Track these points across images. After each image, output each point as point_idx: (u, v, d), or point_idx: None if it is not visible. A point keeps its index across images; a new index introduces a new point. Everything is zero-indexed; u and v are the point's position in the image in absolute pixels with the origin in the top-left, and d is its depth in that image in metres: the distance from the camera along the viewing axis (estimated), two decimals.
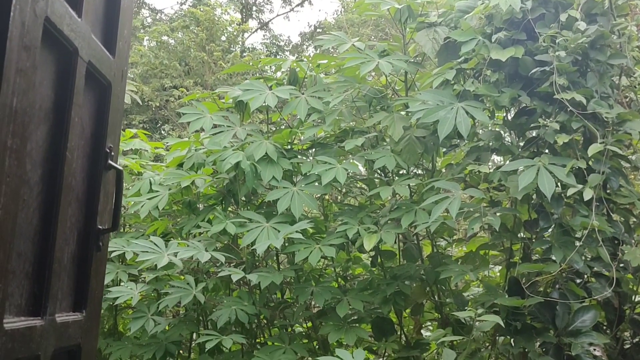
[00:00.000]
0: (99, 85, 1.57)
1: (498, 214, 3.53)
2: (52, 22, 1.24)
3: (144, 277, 4.54)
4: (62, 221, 1.36)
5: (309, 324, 4.71)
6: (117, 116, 1.68)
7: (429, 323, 5.00)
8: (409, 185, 4.13)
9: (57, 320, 1.36)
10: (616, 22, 3.43)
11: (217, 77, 17.96)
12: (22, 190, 1.19)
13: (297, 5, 24.15)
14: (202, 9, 18.73)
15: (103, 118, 1.59)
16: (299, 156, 4.46)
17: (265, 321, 4.65)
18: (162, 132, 17.28)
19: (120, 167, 1.63)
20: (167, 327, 4.52)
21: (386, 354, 4.48)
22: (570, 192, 3.18)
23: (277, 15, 24.39)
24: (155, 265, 4.26)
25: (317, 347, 4.51)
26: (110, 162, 1.61)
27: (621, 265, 4.01)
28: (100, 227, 1.59)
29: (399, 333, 4.52)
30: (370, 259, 4.65)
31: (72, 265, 1.48)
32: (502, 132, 3.78)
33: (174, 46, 19.00)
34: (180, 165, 4.74)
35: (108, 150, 1.61)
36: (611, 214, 3.95)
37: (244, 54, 19.61)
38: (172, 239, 4.54)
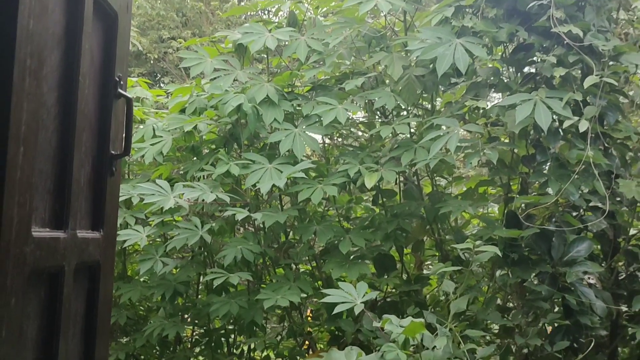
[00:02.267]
0: (107, 15, 1.62)
1: (496, 149, 3.60)
2: None
3: (151, 221, 4.66)
4: (77, 144, 1.44)
5: (313, 264, 4.85)
6: (124, 47, 1.74)
7: (430, 262, 5.14)
8: (408, 124, 4.19)
9: (78, 236, 1.46)
10: None
11: (214, 28, 17.78)
12: (40, 111, 1.26)
13: None
14: None
15: (111, 48, 1.65)
16: (300, 98, 4.51)
17: (270, 262, 4.79)
18: (161, 84, 17.23)
19: (129, 96, 1.70)
20: (174, 269, 4.66)
21: (388, 289, 4.62)
22: (566, 124, 3.25)
23: None
24: (161, 208, 4.37)
25: (321, 284, 4.65)
26: (120, 90, 1.68)
27: (617, 198, 4.11)
28: (113, 152, 1.67)
29: (400, 269, 4.65)
30: (371, 198, 4.74)
31: (88, 188, 1.57)
32: (500, 68, 3.82)
33: None
34: (183, 111, 4.79)
35: (117, 79, 1.68)
36: (608, 148, 4.03)
37: (242, 3, 19.36)
38: (176, 183, 4.64)
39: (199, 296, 5.06)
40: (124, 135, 1.73)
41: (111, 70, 1.64)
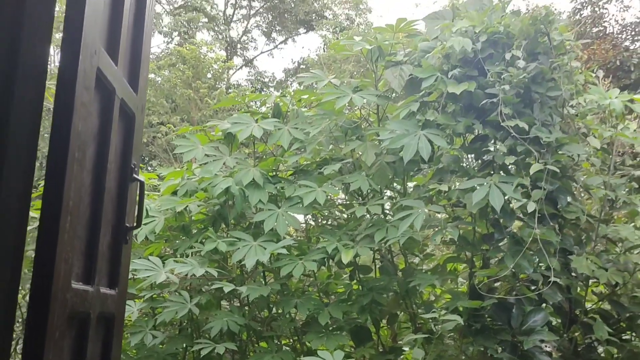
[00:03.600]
0: (127, 116, 2.05)
1: (458, 227, 4.02)
2: (101, 70, 1.73)
3: (141, 297, 4.96)
4: (104, 216, 1.83)
5: (295, 337, 5.13)
6: (139, 140, 2.16)
7: (406, 339, 5.43)
8: (382, 205, 4.62)
9: (101, 291, 1.82)
10: (553, 60, 3.99)
11: (203, 114, 18.49)
12: (81, 190, 1.66)
13: (281, 42, 24.90)
14: (188, 48, 19.33)
15: (129, 141, 2.07)
16: (283, 181, 4.94)
17: (254, 337, 5.06)
18: (150, 168, 17.69)
19: (142, 179, 2.11)
20: (162, 343, 4.92)
21: (364, 359, 4.89)
22: (516, 205, 3.68)
23: (262, 53, 25.10)
24: (151, 285, 4.70)
25: (302, 356, 4.92)
26: (134, 175, 2.09)
27: (572, 274, 4.50)
28: (128, 225, 2.05)
29: (376, 341, 4.95)
30: (349, 274, 5.10)
31: (108, 253, 1.94)
32: (460, 156, 4.30)
33: (161, 83, 19.51)
34: (175, 193, 5.19)
35: (133, 166, 2.09)
36: (562, 227, 4.46)
37: (230, 91, 20.17)
38: (167, 259, 4.97)
39: None
40: (136, 211, 2.12)
41: (129, 158, 2.06)
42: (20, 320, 4.40)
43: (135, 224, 2.06)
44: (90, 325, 1.72)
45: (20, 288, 1.74)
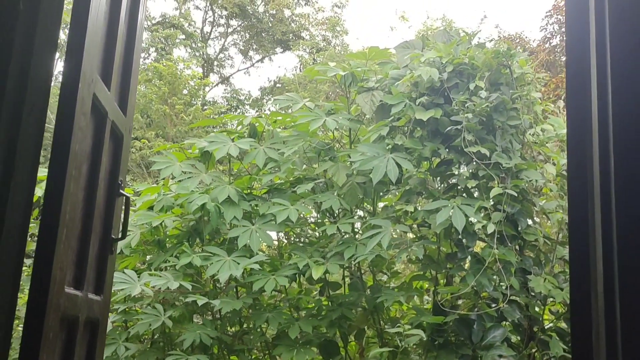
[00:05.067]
0: (116, 136, 2.23)
1: (422, 246, 4.24)
2: (96, 96, 1.91)
3: (116, 308, 5.07)
4: (94, 229, 2.00)
5: (266, 351, 5.28)
6: (126, 159, 2.33)
7: (372, 353, 5.62)
8: (352, 224, 4.82)
9: (88, 297, 1.99)
10: (514, 91, 4.26)
11: (178, 129, 18.58)
12: (76, 205, 1.83)
13: (258, 61, 25.13)
14: (164, 64, 19.44)
15: (118, 159, 2.25)
16: (257, 199, 5.12)
17: (225, 351, 5.19)
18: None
19: (128, 195, 2.28)
20: (134, 356, 5.02)
21: None
22: (476, 226, 3.92)
23: (238, 70, 25.31)
24: (125, 298, 4.82)
25: None
26: (121, 191, 2.26)
27: (532, 293, 4.74)
28: (114, 237, 2.22)
29: (344, 355, 5.12)
30: (319, 290, 5.28)
31: (95, 262, 2.11)
32: (426, 179, 4.53)
33: (137, 99, 19.55)
34: (150, 208, 5.33)
35: (120, 183, 2.26)
36: (522, 249, 4.70)
37: (205, 107, 20.29)
38: (142, 273, 5.10)
39: None
40: (121, 224, 2.29)
41: (117, 175, 2.23)
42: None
43: (120, 236, 2.23)
44: (79, 329, 1.88)
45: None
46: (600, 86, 1.40)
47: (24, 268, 1.67)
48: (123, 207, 2.29)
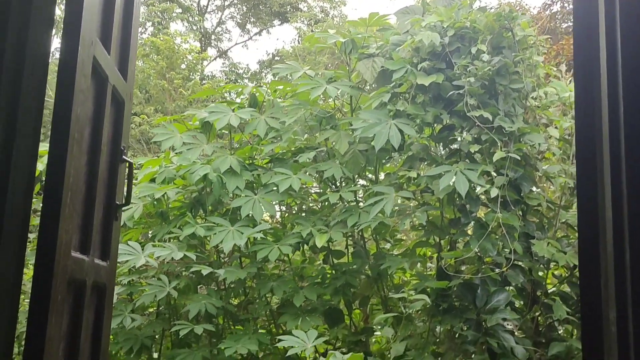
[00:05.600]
0: (117, 101, 2.21)
1: (425, 212, 4.24)
2: (96, 59, 1.89)
3: (120, 281, 5.09)
4: (98, 194, 1.99)
5: (270, 320, 5.31)
6: (127, 125, 2.32)
7: (376, 319, 5.66)
8: (355, 191, 4.82)
9: (95, 262, 1.99)
10: (517, 54, 4.22)
11: (177, 104, 18.49)
12: (79, 169, 1.82)
13: (255, 34, 24.91)
14: (162, 38, 19.27)
15: (119, 125, 2.23)
16: (259, 169, 5.11)
17: (231, 321, 5.23)
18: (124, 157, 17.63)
19: (131, 161, 2.26)
20: (139, 328, 5.05)
21: (337, 340, 5.10)
22: (479, 191, 3.91)
23: (236, 44, 25.08)
24: (129, 270, 4.84)
25: (277, 336, 5.11)
26: (123, 157, 2.24)
27: (535, 257, 4.75)
28: (118, 203, 2.21)
29: (348, 322, 5.16)
30: (322, 259, 5.29)
31: (100, 228, 2.10)
32: (429, 145, 4.51)
33: (135, 74, 19.39)
34: (152, 181, 5.33)
35: (122, 149, 2.24)
36: (525, 213, 4.70)
37: (204, 82, 20.16)
38: (146, 244, 5.11)
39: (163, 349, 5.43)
40: (125, 190, 2.28)
41: (119, 141, 2.21)
42: None
43: (124, 202, 2.22)
44: (86, 293, 1.88)
45: None
46: (608, 29, 1.37)
47: (28, 244, 1.67)
48: (126, 174, 2.28)
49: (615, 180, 1.37)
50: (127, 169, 2.27)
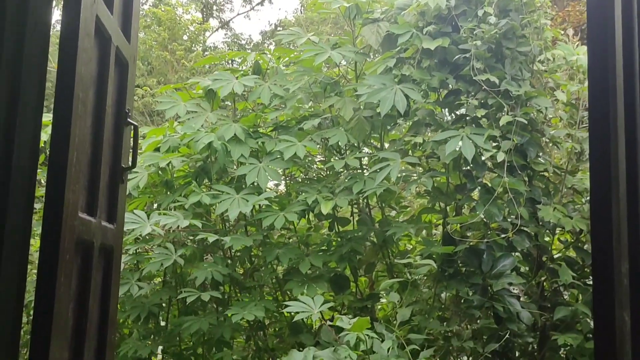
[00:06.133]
0: (121, 63, 2.18)
1: (431, 178, 4.23)
2: (99, 18, 1.86)
3: (127, 250, 5.11)
4: (103, 156, 1.98)
5: (276, 286, 5.34)
6: (132, 87, 2.29)
7: (382, 285, 5.68)
8: (360, 158, 4.80)
9: (102, 224, 1.98)
10: (524, 17, 4.16)
11: (180, 76, 18.38)
12: (84, 129, 1.80)
13: (257, 4, 24.65)
14: (163, 9, 19.08)
15: (124, 88, 2.21)
16: (264, 137, 5.08)
17: (237, 289, 5.25)
18: None
19: (135, 123, 2.25)
20: (146, 296, 5.08)
21: (342, 307, 5.12)
22: (486, 155, 3.89)
23: (238, 15, 24.84)
24: (135, 239, 4.85)
25: (283, 303, 5.14)
26: (129, 119, 2.23)
27: (540, 223, 4.74)
28: (124, 166, 2.20)
29: (354, 290, 5.18)
30: (328, 226, 5.30)
31: (107, 190, 2.10)
32: (434, 110, 4.48)
33: (138, 38, 19.26)
34: (157, 150, 5.31)
35: (127, 111, 2.22)
36: (531, 178, 4.68)
37: (206, 53, 20.02)
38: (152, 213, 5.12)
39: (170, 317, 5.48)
40: (130, 153, 2.27)
41: (123, 104, 2.19)
42: None
43: (130, 165, 2.21)
44: (94, 254, 1.88)
45: None
46: None
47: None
48: (131, 137, 2.26)
49: (630, 135, 1.35)
50: (132, 132, 2.25)
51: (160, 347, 5.40)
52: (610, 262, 1.34)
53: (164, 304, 5.31)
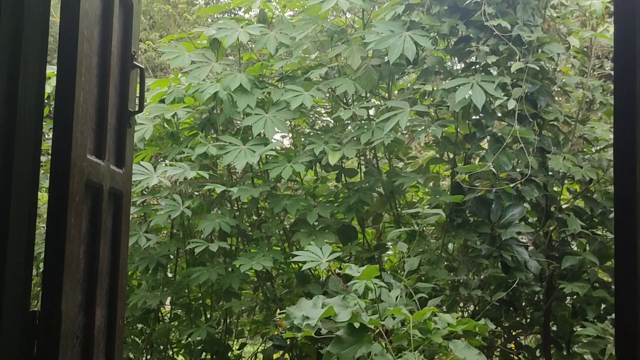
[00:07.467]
0: (126, 4, 2.12)
1: (440, 127, 4.17)
2: None
3: (135, 201, 5.10)
4: (110, 98, 1.93)
5: (284, 237, 5.35)
6: (137, 29, 2.23)
7: (390, 234, 5.68)
8: (367, 108, 4.73)
9: (110, 167, 1.95)
10: None
11: (182, 30, 18.13)
12: (90, 68, 1.76)
13: None
14: None
15: (129, 29, 2.15)
16: (270, 87, 5.01)
17: (244, 241, 5.26)
18: None
19: (142, 66, 2.19)
20: (154, 248, 5.09)
21: (350, 257, 5.14)
22: (497, 103, 3.83)
23: None
24: (142, 191, 4.83)
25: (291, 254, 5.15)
26: (135, 62, 2.17)
27: (549, 172, 4.70)
28: (131, 109, 2.16)
29: (361, 240, 5.18)
30: (335, 177, 5.27)
31: (114, 134, 2.06)
32: (444, 58, 4.39)
33: None
34: (162, 101, 5.25)
35: (133, 53, 2.17)
36: (541, 128, 4.62)
37: (208, 5, 19.70)
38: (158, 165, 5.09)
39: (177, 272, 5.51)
40: (137, 96, 2.22)
41: (129, 45, 2.14)
42: None
43: (137, 109, 2.17)
44: (103, 198, 1.85)
45: None
46: None
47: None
48: (138, 80, 2.21)
49: None
50: (138, 76, 2.20)
51: (168, 298, 5.45)
52: (632, 207, 1.31)
53: (171, 256, 5.34)
